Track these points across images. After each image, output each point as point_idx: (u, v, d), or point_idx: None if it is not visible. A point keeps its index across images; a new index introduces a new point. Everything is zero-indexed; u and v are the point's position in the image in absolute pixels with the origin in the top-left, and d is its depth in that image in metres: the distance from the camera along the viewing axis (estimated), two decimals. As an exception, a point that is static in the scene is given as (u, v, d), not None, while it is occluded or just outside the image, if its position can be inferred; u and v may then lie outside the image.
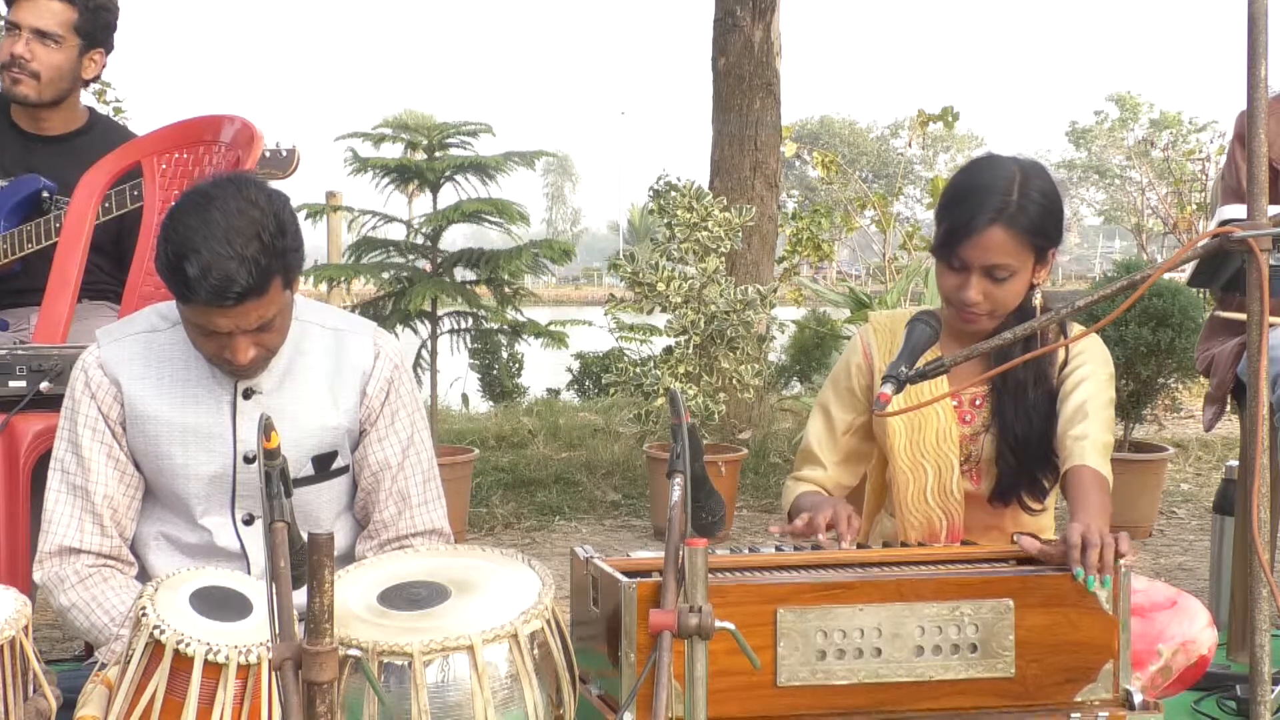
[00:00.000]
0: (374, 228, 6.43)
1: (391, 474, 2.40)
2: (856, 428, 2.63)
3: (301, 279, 2.67)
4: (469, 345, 6.84)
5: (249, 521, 2.34)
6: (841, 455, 2.63)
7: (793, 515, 2.62)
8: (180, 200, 2.16)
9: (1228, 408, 3.21)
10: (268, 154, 2.96)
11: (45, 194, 3.18)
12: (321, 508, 2.39)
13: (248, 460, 2.31)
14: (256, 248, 2.08)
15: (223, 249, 2.06)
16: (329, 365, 2.37)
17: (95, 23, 3.23)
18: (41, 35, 3.17)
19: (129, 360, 2.31)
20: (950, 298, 2.43)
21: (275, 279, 2.13)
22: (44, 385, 2.68)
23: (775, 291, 5.50)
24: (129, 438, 2.32)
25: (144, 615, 1.90)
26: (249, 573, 2.29)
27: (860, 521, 2.40)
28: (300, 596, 1.49)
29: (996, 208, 2.36)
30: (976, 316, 2.42)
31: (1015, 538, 2.22)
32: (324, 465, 2.38)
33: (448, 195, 6.34)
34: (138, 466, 2.35)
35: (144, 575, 2.36)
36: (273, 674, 1.84)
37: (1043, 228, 2.39)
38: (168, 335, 2.32)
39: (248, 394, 2.31)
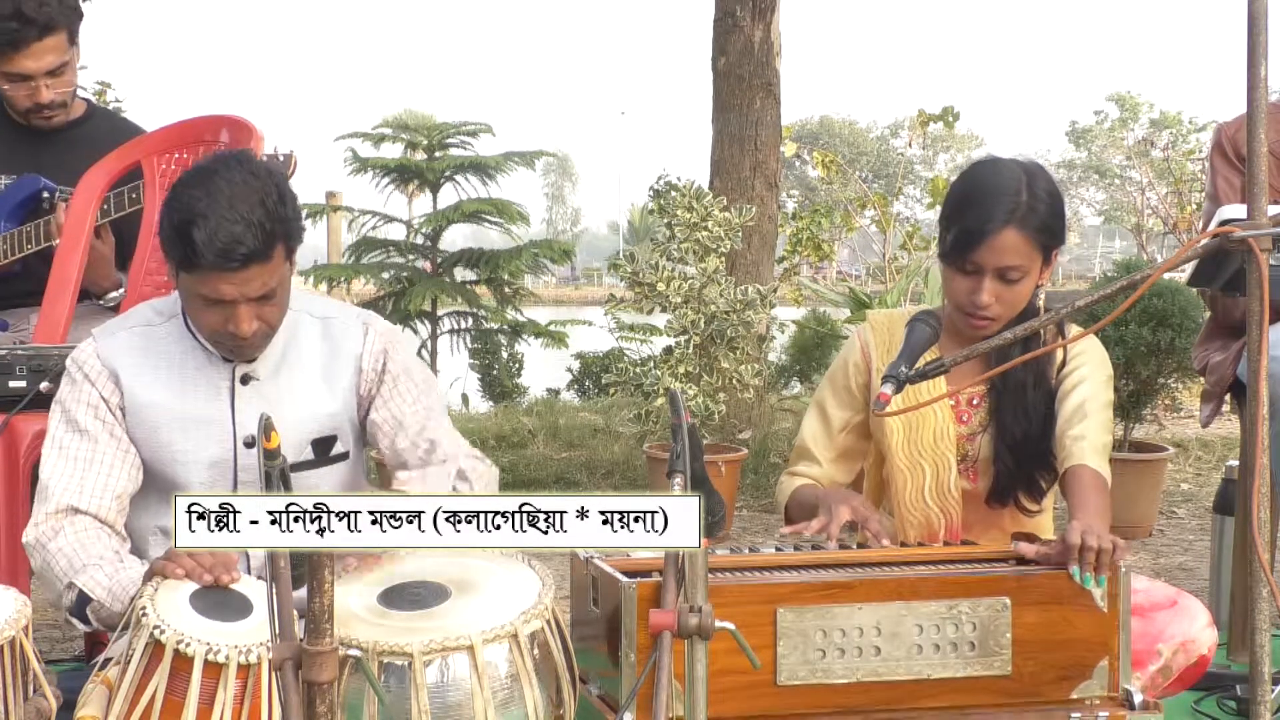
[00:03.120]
0: (374, 228, 6.45)
1: (418, 426, 2.41)
2: (853, 426, 2.63)
3: (302, 279, 2.67)
4: (469, 345, 6.86)
5: None
6: (836, 453, 2.64)
7: (790, 510, 2.63)
8: (183, 176, 2.22)
9: (1225, 405, 3.21)
10: (265, 159, 2.97)
11: (46, 194, 3.18)
12: None
13: (248, 445, 2.33)
14: (261, 213, 2.13)
15: (228, 213, 2.11)
16: (322, 352, 2.40)
17: (75, 22, 3.19)
18: (53, 74, 3.15)
19: (126, 351, 2.33)
20: (961, 303, 2.43)
21: (279, 245, 2.17)
22: (44, 385, 2.67)
23: (775, 291, 5.49)
24: (128, 425, 2.33)
25: (144, 615, 1.90)
26: (248, 566, 2.29)
27: (883, 519, 2.41)
28: (300, 596, 1.49)
29: (1009, 209, 2.36)
30: (987, 321, 2.42)
31: (1014, 543, 2.23)
32: (324, 450, 2.39)
33: (448, 195, 6.37)
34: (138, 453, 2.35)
35: (143, 573, 2.36)
36: (273, 674, 1.84)
37: (1051, 227, 2.41)
38: (164, 329, 2.35)
39: (245, 380, 2.34)
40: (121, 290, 3.22)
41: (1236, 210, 2.26)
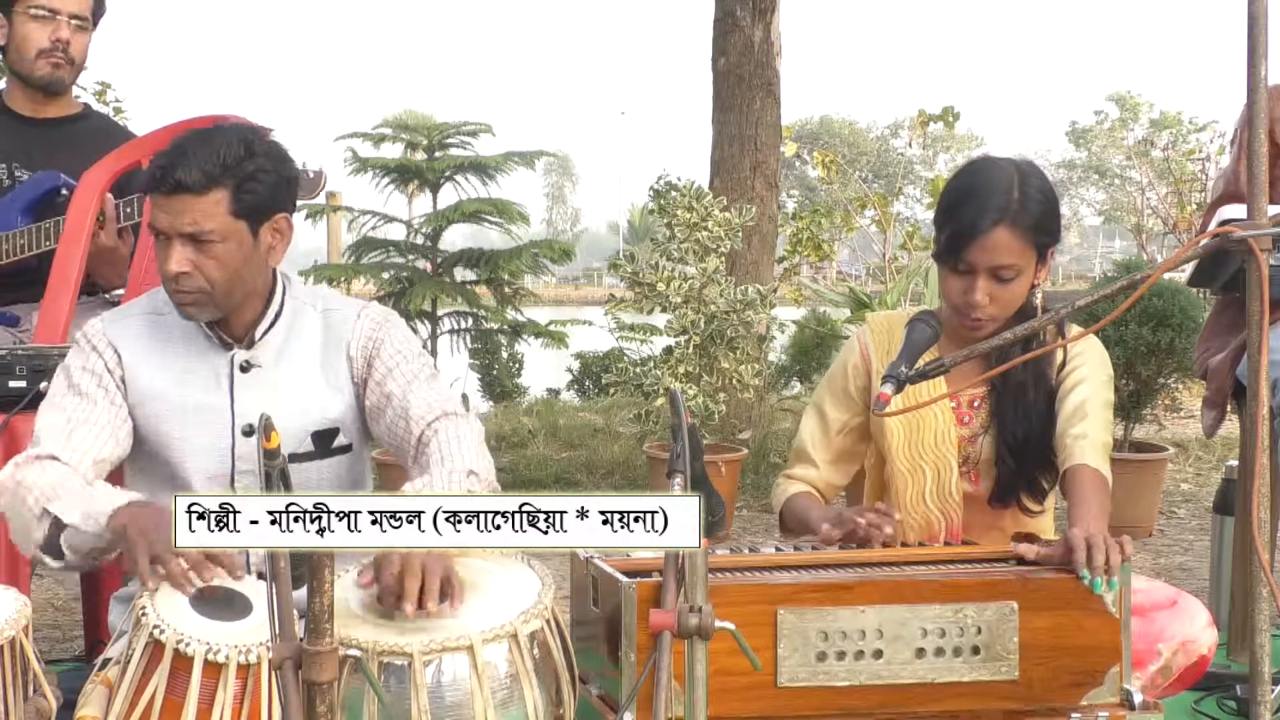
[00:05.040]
0: (374, 228, 6.45)
1: (400, 394, 2.38)
2: (851, 428, 2.63)
3: (303, 280, 2.67)
4: (469, 345, 6.85)
5: None
6: (834, 455, 2.64)
7: (784, 516, 2.63)
8: None
9: (1228, 411, 3.20)
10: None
11: (64, 191, 3.20)
12: (323, 488, 2.39)
13: (245, 433, 2.33)
14: (214, 160, 2.20)
15: (189, 148, 2.21)
16: (321, 343, 2.41)
17: (101, 2, 3.31)
18: (76, 20, 3.25)
19: (132, 336, 2.36)
20: (956, 302, 2.43)
21: (219, 190, 2.20)
22: (44, 385, 2.67)
23: (775, 291, 5.49)
24: (130, 406, 2.35)
25: (144, 615, 1.90)
26: (248, 561, 2.29)
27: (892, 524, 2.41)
28: (300, 596, 1.49)
29: (1000, 208, 2.36)
30: (981, 322, 2.42)
31: (1014, 544, 2.22)
32: (325, 442, 2.39)
33: (448, 195, 6.36)
34: (135, 431, 2.36)
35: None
36: (272, 674, 1.83)
37: (1044, 225, 2.40)
38: (170, 317, 2.36)
39: (245, 367, 2.35)
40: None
41: (1237, 210, 2.26)
